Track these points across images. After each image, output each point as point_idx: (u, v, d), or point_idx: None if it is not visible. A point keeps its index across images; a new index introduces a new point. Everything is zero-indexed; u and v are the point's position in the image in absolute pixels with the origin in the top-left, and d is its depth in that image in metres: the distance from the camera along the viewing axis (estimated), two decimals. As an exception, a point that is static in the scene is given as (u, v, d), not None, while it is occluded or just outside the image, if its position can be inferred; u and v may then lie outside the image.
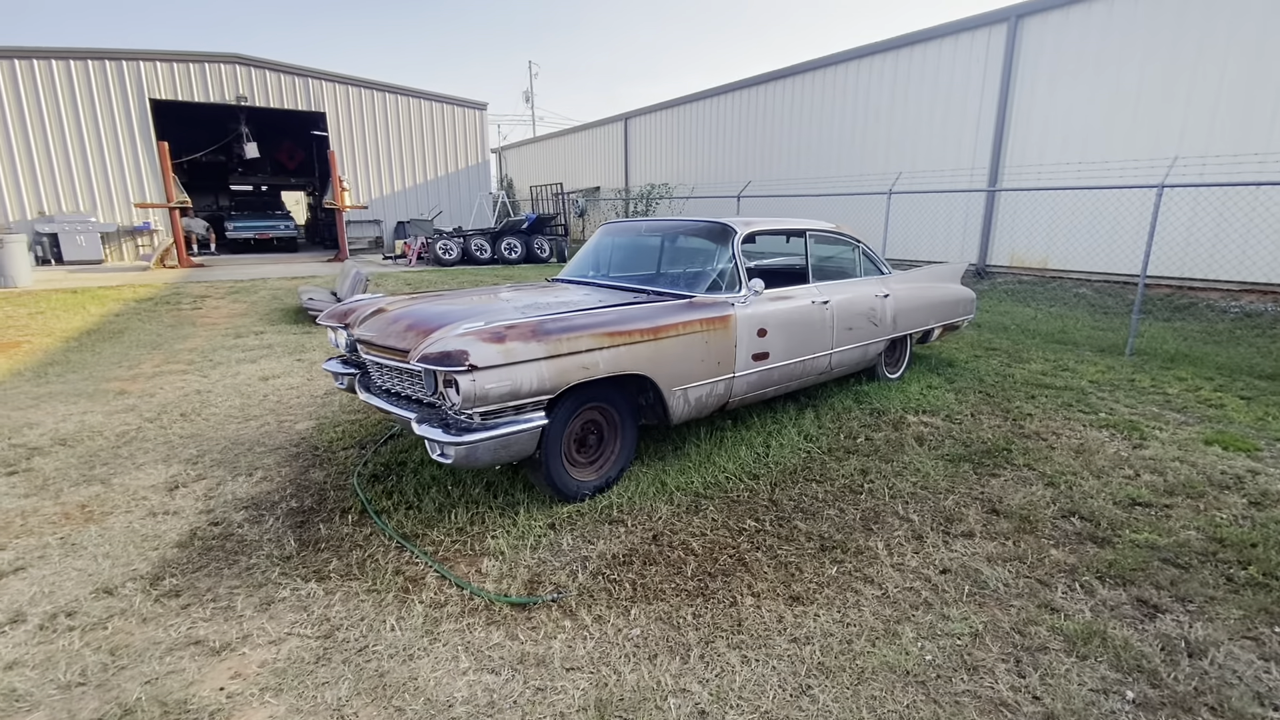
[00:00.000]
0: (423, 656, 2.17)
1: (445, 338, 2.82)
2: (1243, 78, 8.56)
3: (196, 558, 2.80)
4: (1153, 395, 5.28)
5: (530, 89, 44.85)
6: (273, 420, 4.66)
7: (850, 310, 4.69)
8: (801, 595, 2.53)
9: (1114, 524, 3.12)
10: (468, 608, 2.44)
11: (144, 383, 5.62)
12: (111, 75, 16.09)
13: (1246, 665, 2.16)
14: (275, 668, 2.12)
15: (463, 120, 21.65)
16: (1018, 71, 11.10)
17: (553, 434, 3.11)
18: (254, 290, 11.20)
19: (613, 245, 5.04)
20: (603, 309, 3.38)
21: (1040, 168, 10.81)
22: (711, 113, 18.50)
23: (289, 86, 18.44)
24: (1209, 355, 6.60)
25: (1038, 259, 11.18)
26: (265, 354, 6.77)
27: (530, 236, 16.57)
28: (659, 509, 3.25)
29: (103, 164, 16.29)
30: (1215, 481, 3.61)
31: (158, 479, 3.63)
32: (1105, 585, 2.63)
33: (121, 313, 8.96)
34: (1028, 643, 2.26)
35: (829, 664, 2.14)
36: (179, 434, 4.36)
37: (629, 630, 2.31)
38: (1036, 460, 3.91)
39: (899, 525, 3.11)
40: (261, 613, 2.41)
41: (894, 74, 13.22)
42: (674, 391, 3.52)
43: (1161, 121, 9.39)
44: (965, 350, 6.90)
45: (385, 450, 4.03)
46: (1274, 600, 2.51)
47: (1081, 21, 10.19)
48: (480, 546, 2.89)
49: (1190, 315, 8.68)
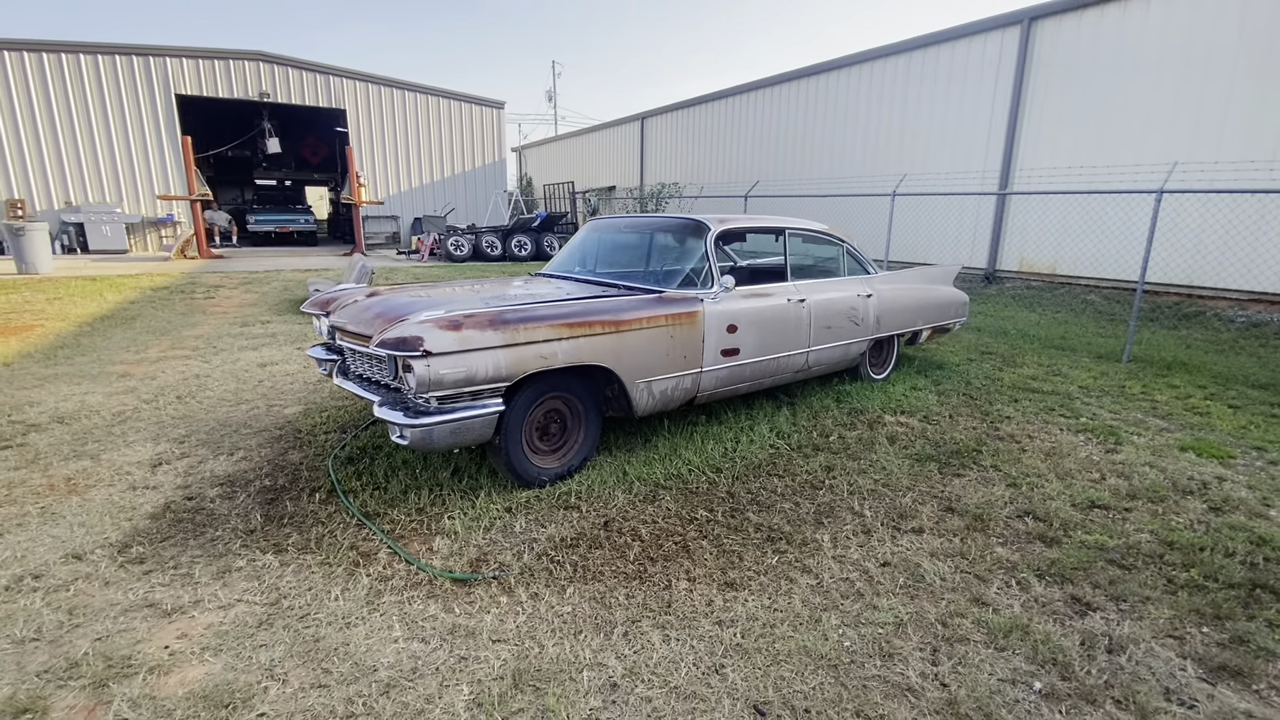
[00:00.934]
0: (359, 625, 2.27)
1: (405, 324, 2.93)
2: (1252, 84, 8.39)
3: (166, 528, 2.94)
4: (1140, 402, 5.23)
5: (553, 88, 45.16)
6: (263, 404, 4.83)
7: (829, 309, 4.72)
8: (736, 581, 2.59)
9: (1067, 525, 3.13)
10: (411, 582, 2.54)
11: (147, 366, 5.84)
12: (139, 70, 16.59)
13: (1163, 663, 2.18)
14: (219, 630, 2.23)
15: (480, 119, 21.93)
16: (1030, 74, 10.98)
17: (513, 421, 3.20)
18: (267, 281, 11.49)
19: (597, 241, 5.13)
20: (565, 301, 3.47)
21: (1052, 171, 10.68)
22: (724, 113, 18.52)
23: (310, 83, 18.84)
24: (1207, 364, 6.50)
25: (1047, 264, 11.04)
26: (268, 342, 6.97)
27: (540, 234, 16.75)
28: (616, 497, 3.32)
29: (129, 157, 16.80)
30: (1180, 487, 3.59)
31: (144, 456, 3.79)
32: (1042, 583, 2.65)
33: (136, 300, 9.27)
34: (949, 634, 2.30)
35: (747, 646, 2.20)
36: (172, 415, 4.54)
37: (560, 608, 2.39)
38: (1004, 462, 3.91)
39: (850, 520, 3.16)
40: (216, 580, 2.54)
41: (906, 76, 13.14)
42: (637, 384, 3.60)
43: (1172, 126, 9.23)
44: (960, 353, 6.87)
45: (365, 435, 4.16)
46: (1207, 602, 2.51)
47: (1095, 25, 10.06)
48: (436, 526, 2.99)
49: (1197, 324, 8.53)
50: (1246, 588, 2.64)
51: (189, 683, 1.99)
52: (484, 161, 22.29)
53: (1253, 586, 2.65)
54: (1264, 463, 3.99)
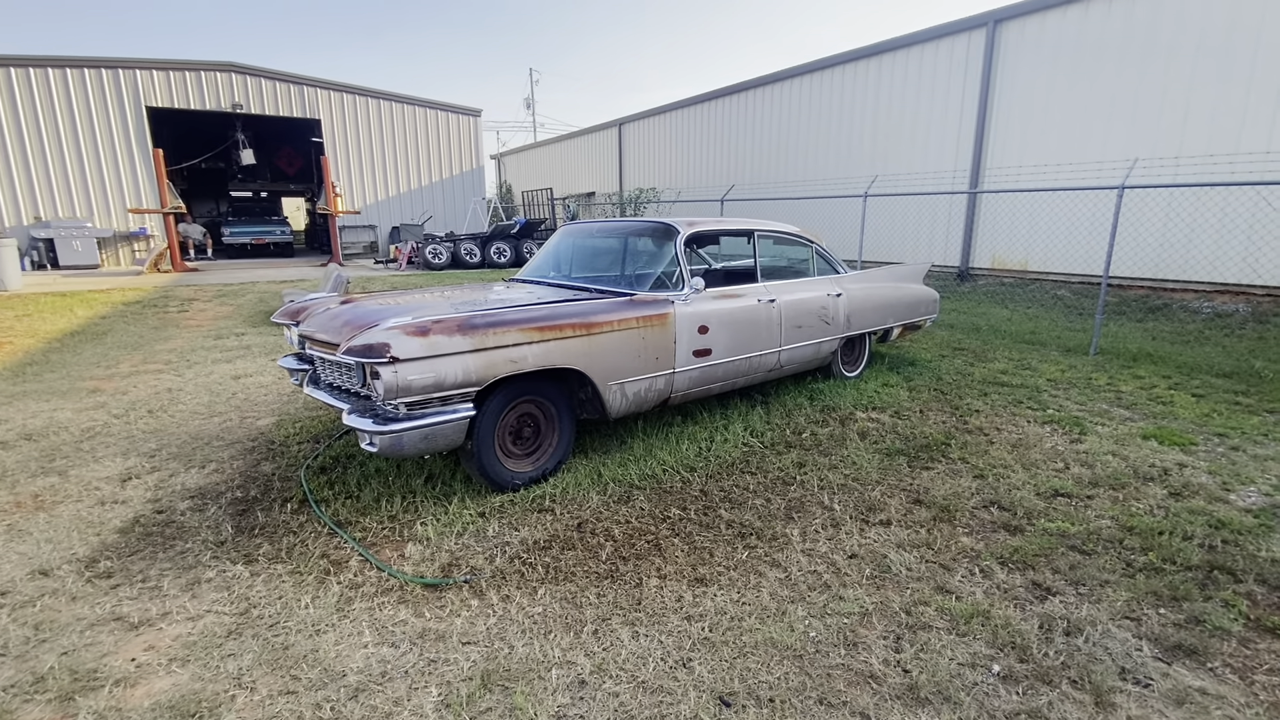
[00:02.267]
0: (329, 631, 2.27)
1: (372, 331, 2.94)
2: (1211, 81, 8.65)
3: (135, 542, 2.92)
4: (1106, 393, 5.36)
5: (531, 95, 45.22)
6: (236, 416, 4.79)
7: (800, 309, 4.79)
8: (706, 577, 2.63)
9: (1031, 513, 3.20)
10: (382, 588, 2.54)
11: (118, 381, 5.76)
12: (108, 83, 16.36)
13: (1120, 643, 2.25)
14: (187, 641, 2.22)
15: (457, 127, 21.88)
16: (997, 75, 11.21)
17: (485, 425, 3.22)
18: (242, 294, 11.37)
19: (571, 246, 5.16)
20: (535, 305, 3.50)
21: (1020, 169, 10.90)
22: (701, 118, 18.66)
23: (284, 94, 18.70)
24: (1173, 354, 6.66)
25: (1018, 261, 11.25)
26: (242, 354, 6.91)
27: (519, 240, 16.74)
28: (590, 498, 3.34)
29: (99, 170, 16.55)
30: (1141, 474, 3.68)
31: (113, 471, 3.75)
32: (1005, 570, 2.71)
33: (107, 315, 9.13)
34: (912, 622, 2.35)
35: (714, 639, 2.23)
36: (143, 429, 4.48)
37: (531, 609, 2.41)
38: (972, 454, 3.99)
39: (820, 514, 3.20)
40: (185, 592, 2.52)
41: (878, 78, 13.34)
42: (610, 386, 3.63)
43: (1135, 124, 9.47)
44: (932, 350, 6.98)
45: (338, 445, 4.14)
46: (1164, 584, 2.59)
47: (1058, 26, 10.30)
48: (409, 533, 2.99)
49: (1163, 316, 8.74)
50: (1204, 569, 2.72)
51: (155, 694, 1.98)
52: (462, 169, 22.23)
53: (1210, 568, 2.73)
54: (1225, 449, 4.11)
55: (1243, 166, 8.21)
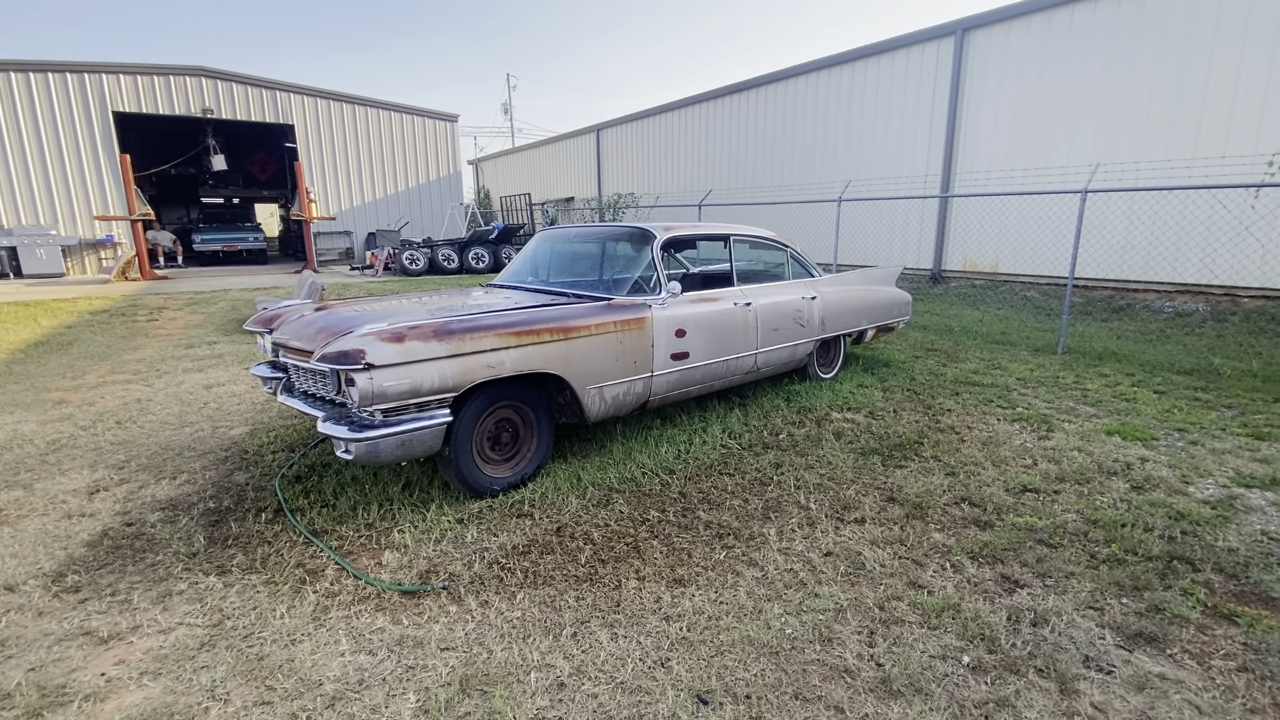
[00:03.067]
0: (305, 641, 2.25)
1: (347, 338, 2.92)
2: (1169, 88, 8.95)
3: (104, 556, 2.86)
4: (1072, 391, 5.50)
5: (509, 101, 45.07)
6: (208, 426, 4.71)
7: (775, 312, 4.85)
8: (684, 578, 2.66)
9: (1000, 509, 3.29)
10: (359, 596, 2.53)
11: (85, 392, 5.63)
12: (74, 88, 16.00)
13: (1084, 632, 2.32)
14: (159, 654, 2.19)
15: (434, 132, 21.76)
16: (965, 82, 11.47)
17: (462, 431, 3.21)
18: (214, 301, 11.18)
19: (549, 251, 5.17)
20: (513, 310, 3.50)
21: (989, 174, 11.15)
22: (678, 124, 18.79)
23: (256, 99, 18.44)
24: (1137, 353, 6.86)
25: (989, 263, 11.50)
26: (214, 363, 6.80)
27: (498, 246, 16.68)
28: (570, 503, 3.35)
29: (64, 177, 16.16)
30: (1105, 469, 3.80)
31: (80, 484, 3.67)
32: (975, 564, 2.78)
33: (74, 325, 8.92)
34: (886, 617, 2.40)
35: (692, 638, 2.26)
36: (111, 441, 4.39)
37: (510, 613, 2.42)
38: (944, 452, 4.07)
39: (796, 513, 3.25)
40: (156, 605, 2.48)
41: (850, 86, 13.57)
42: (589, 390, 3.64)
43: (1099, 129, 9.76)
44: (906, 351, 7.10)
45: (314, 453, 4.10)
46: (1127, 575, 2.68)
47: (1023, 35, 10.58)
48: (386, 540, 2.97)
49: (1127, 315, 9.00)
50: (1164, 560, 2.82)
51: (126, 708, 1.95)
52: (439, 174, 22.10)
53: (1170, 559, 2.83)
54: (1185, 443, 4.25)
55: (1199, 171, 8.50)
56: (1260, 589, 2.59)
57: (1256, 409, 4.93)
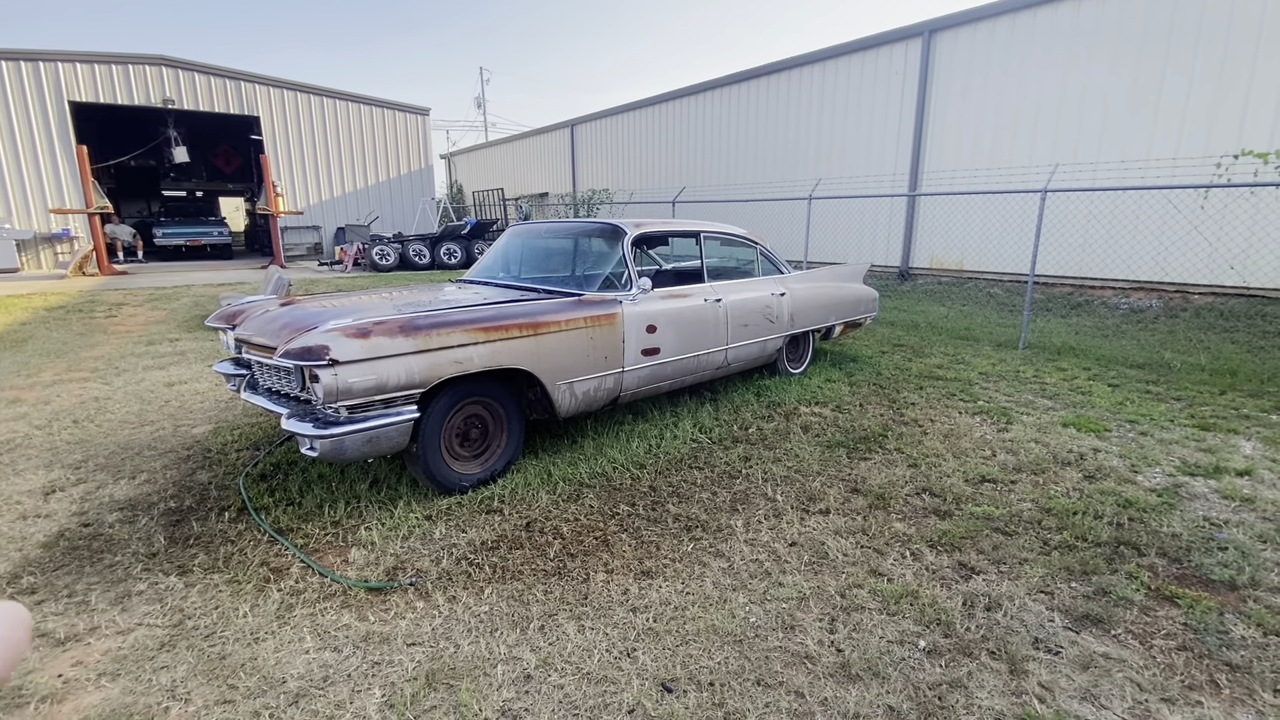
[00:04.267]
0: (268, 639, 2.24)
1: (311, 334, 2.89)
2: (1125, 91, 9.24)
3: (60, 557, 2.80)
4: (1032, 384, 5.67)
5: (482, 95, 44.62)
6: (169, 425, 4.61)
7: (745, 308, 4.91)
8: (652, 569, 2.69)
9: (959, 499, 3.39)
10: (324, 594, 2.51)
11: (40, 391, 5.46)
12: (27, 76, 15.41)
13: (1035, 616, 2.41)
14: (117, 655, 2.16)
15: (405, 126, 21.45)
16: (933, 83, 11.68)
17: (430, 427, 3.20)
18: (176, 297, 10.89)
19: (520, 247, 5.16)
20: (482, 305, 3.50)
21: (955, 173, 11.39)
22: (652, 120, 18.81)
23: (220, 89, 17.97)
24: (1093, 348, 7.09)
25: (954, 261, 11.75)
26: (176, 361, 6.64)
27: (471, 241, 16.53)
28: (540, 498, 3.37)
29: (18, 168, 15.57)
30: (1060, 459, 3.93)
31: (35, 484, 3.57)
32: (934, 552, 2.87)
33: (28, 321, 8.62)
34: (846, 604, 2.47)
35: (658, 629, 2.30)
36: (67, 440, 4.27)
37: (477, 608, 2.43)
38: (907, 445, 4.18)
39: (763, 505, 3.31)
40: (115, 606, 2.44)
41: (821, 85, 13.73)
42: (559, 386, 3.66)
43: (1059, 131, 10.03)
44: (873, 346, 7.24)
45: (279, 451, 4.04)
46: (1076, 560, 2.79)
47: (987, 37, 10.81)
48: (353, 538, 2.96)
49: (1085, 312, 9.28)
50: (1112, 545, 2.94)
51: (84, 709, 1.92)
52: (410, 169, 21.80)
53: (1117, 544, 2.95)
54: (1135, 434, 4.42)
55: (1153, 172, 8.80)
56: (1200, 572, 2.72)
57: (1204, 401, 5.15)
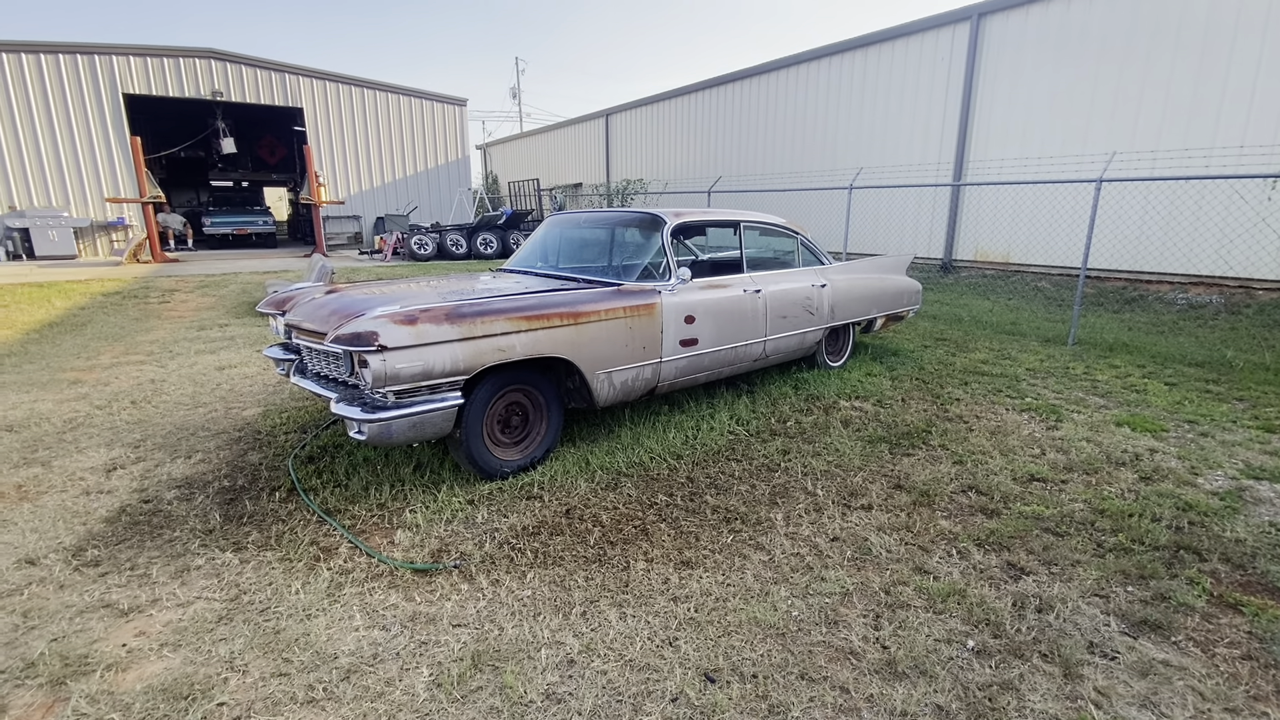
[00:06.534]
0: (320, 616, 2.30)
1: (360, 320, 2.95)
2: (1189, 75, 8.80)
3: (122, 531, 2.92)
4: (1082, 381, 5.48)
5: (518, 85, 44.78)
6: (221, 407, 4.77)
7: (785, 299, 4.84)
8: (692, 560, 2.69)
9: (1007, 497, 3.29)
10: (372, 574, 2.57)
11: (100, 373, 5.70)
12: (84, 70, 16.02)
13: (1089, 619, 2.33)
14: (178, 627, 2.24)
15: (443, 116, 21.69)
16: (980, 69, 11.31)
17: (473, 414, 3.24)
18: (224, 285, 11.25)
19: (559, 237, 5.17)
20: (524, 294, 3.52)
21: (1003, 163, 11.02)
22: (688, 109, 18.64)
23: (265, 82, 18.41)
24: (1148, 345, 6.82)
25: (1000, 253, 11.41)
26: (226, 345, 6.86)
27: (506, 231, 16.67)
28: (578, 485, 3.39)
29: (75, 159, 16.23)
30: (1114, 459, 3.79)
31: (97, 461, 3.73)
32: (981, 551, 2.79)
33: (87, 306, 9.00)
34: (891, 601, 2.42)
35: (700, 619, 2.29)
36: (126, 420, 4.46)
37: (520, 592, 2.45)
38: (952, 441, 4.08)
39: (803, 499, 3.27)
40: (175, 579, 2.54)
41: (863, 71, 13.41)
42: (598, 375, 3.66)
43: (1114, 117, 9.62)
44: (915, 340, 7.08)
45: (326, 434, 4.14)
46: (1133, 564, 2.69)
47: (1040, 20, 10.41)
48: (398, 520, 3.02)
49: (1139, 307, 8.92)
50: (1171, 549, 2.82)
51: (148, 678, 2.00)
52: (447, 159, 22.05)
53: (1176, 548, 2.83)
54: (1194, 435, 4.24)
55: (1217, 161, 8.38)
56: (1267, 579, 2.60)
57: (1268, 402, 4.90)
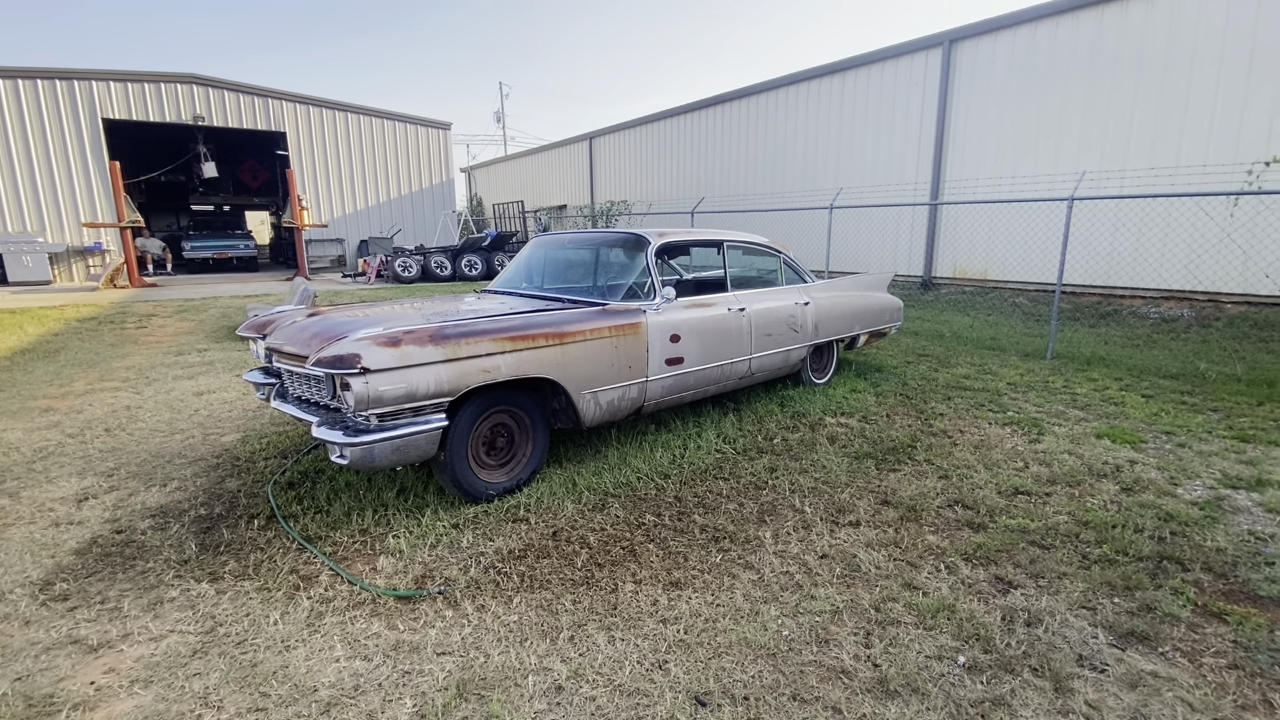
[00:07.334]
0: (299, 647, 2.23)
1: (342, 343, 2.92)
2: (1152, 98, 9.10)
3: (92, 563, 2.83)
4: (1062, 395, 5.56)
5: (502, 109, 45.20)
6: (199, 434, 4.67)
7: (769, 317, 4.87)
8: (681, 580, 2.66)
9: (993, 511, 3.31)
10: (354, 602, 2.51)
11: (73, 400, 5.57)
12: (63, 95, 15.90)
13: (1077, 632, 2.34)
14: (150, 662, 2.16)
15: (426, 140, 21.78)
16: (953, 92, 11.61)
17: (458, 436, 3.21)
18: (204, 309, 11.10)
19: (543, 257, 5.18)
20: (509, 315, 3.51)
21: (977, 182, 11.27)
22: (671, 132, 18.90)
23: (248, 106, 18.40)
24: (1124, 358, 6.94)
25: (978, 270, 11.61)
26: (205, 370, 6.74)
27: (491, 253, 16.68)
28: (565, 507, 3.35)
29: (53, 184, 16.03)
30: (1095, 471, 3.83)
31: (68, 491, 3.62)
32: (969, 565, 2.80)
33: (61, 332, 8.82)
34: (881, 618, 2.41)
35: (689, 641, 2.26)
36: (99, 449, 4.35)
37: (506, 617, 2.41)
38: (936, 456, 4.10)
39: (791, 516, 3.26)
40: (147, 613, 2.46)
41: (840, 95, 13.71)
42: (584, 395, 3.65)
43: (1084, 138, 9.90)
44: (898, 356, 7.15)
45: (307, 459, 4.07)
46: (1118, 575, 2.70)
47: (1009, 46, 10.74)
48: (380, 546, 2.96)
49: (1114, 321, 9.10)
50: (1154, 560, 2.85)
51: (116, 717, 1.93)
52: (431, 182, 22.10)
53: (1160, 559, 2.86)
54: (1172, 445, 4.30)
55: (1182, 179, 8.64)
56: (1248, 587, 2.62)
57: (1241, 412, 5.00)
